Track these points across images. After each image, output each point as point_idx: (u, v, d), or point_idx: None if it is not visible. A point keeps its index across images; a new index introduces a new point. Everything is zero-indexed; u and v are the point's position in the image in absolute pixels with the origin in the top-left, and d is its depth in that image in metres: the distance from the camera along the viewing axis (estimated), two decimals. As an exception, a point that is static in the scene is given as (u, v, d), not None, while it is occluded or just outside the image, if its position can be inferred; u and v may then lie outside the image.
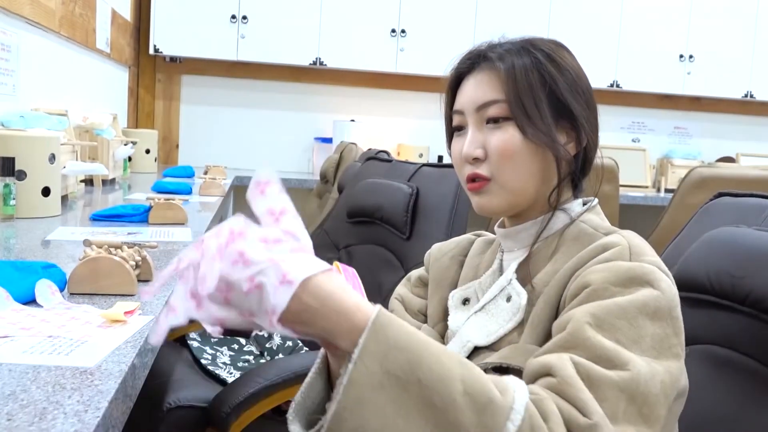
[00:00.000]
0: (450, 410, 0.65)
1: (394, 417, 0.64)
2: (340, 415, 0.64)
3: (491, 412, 0.67)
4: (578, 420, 0.72)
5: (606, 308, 0.81)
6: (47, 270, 1.13)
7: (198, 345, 1.99)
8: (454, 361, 0.68)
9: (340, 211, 2.30)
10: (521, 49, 0.97)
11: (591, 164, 1.01)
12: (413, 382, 0.65)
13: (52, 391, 0.70)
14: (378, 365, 0.65)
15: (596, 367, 0.77)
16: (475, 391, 0.67)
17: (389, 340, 0.66)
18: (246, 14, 4.31)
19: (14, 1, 2.31)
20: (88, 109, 3.22)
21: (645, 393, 0.76)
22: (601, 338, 0.79)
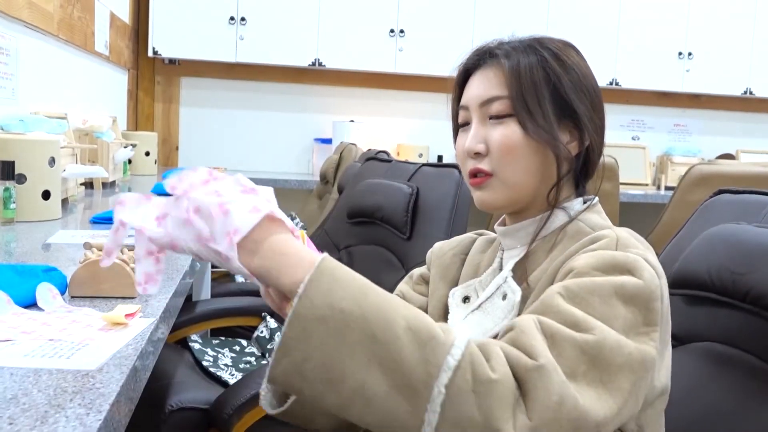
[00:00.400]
0: (392, 344, 0.68)
1: (337, 349, 0.67)
2: (286, 345, 0.67)
3: (432, 346, 0.69)
4: (523, 361, 0.73)
5: (580, 283, 0.82)
6: (48, 273, 1.13)
7: (199, 347, 1.99)
8: (398, 302, 0.71)
9: (341, 211, 2.30)
10: (528, 47, 0.97)
11: (595, 165, 1.01)
12: (357, 317, 0.68)
13: (53, 395, 0.70)
14: (322, 299, 0.68)
15: (561, 327, 0.77)
16: (417, 327, 0.69)
17: (335, 277, 0.69)
18: (244, 16, 4.31)
19: (13, 5, 2.31)
20: (88, 112, 3.22)
21: (608, 360, 0.76)
22: (571, 306, 0.79)
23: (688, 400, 1.06)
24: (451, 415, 0.68)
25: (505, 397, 0.70)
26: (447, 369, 0.68)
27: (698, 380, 1.06)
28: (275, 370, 0.68)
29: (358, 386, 0.68)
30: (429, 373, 0.68)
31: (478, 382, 0.69)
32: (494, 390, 0.69)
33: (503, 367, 0.71)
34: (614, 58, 4.64)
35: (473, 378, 0.69)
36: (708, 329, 1.08)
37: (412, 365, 0.68)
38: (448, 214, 1.84)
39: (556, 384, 0.72)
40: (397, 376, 0.68)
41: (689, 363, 1.09)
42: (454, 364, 0.69)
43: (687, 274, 1.11)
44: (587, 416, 0.73)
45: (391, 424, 0.69)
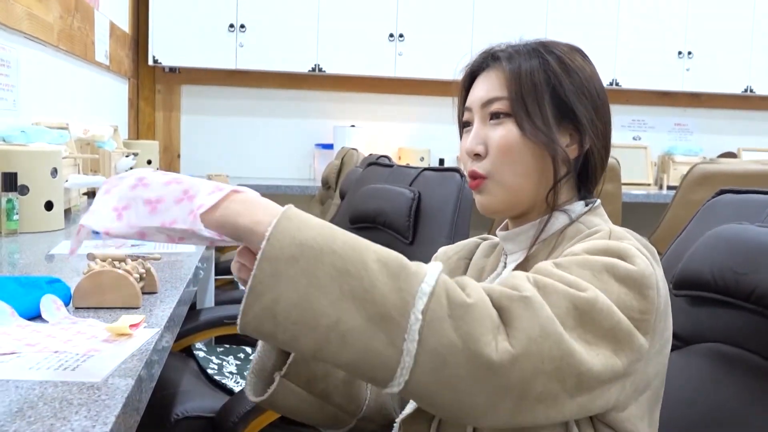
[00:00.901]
0: (364, 276, 0.68)
1: (309, 287, 0.67)
2: (255, 289, 0.67)
3: (405, 276, 0.69)
4: (508, 292, 0.74)
5: (571, 259, 0.82)
6: (52, 285, 1.13)
7: (204, 355, 1.99)
8: (367, 240, 0.72)
9: (343, 217, 2.30)
10: (532, 51, 0.98)
11: (597, 168, 1.00)
12: (327, 253, 0.68)
13: (59, 407, 0.70)
14: (290, 239, 0.68)
15: (554, 281, 0.77)
16: (388, 260, 0.70)
17: (302, 219, 0.71)
18: (244, 23, 4.32)
19: (12, 16, 2.31)
20: (89, 121, 3.23)
21: (597, 321, 0.75)
22: (560, 272, 0.79)
23: (693, 401, 1.06)
24: (429, 341, 0.68)
25: (482, 320, 0.70)
26: (422, 295, 0.68)
27: (703, 381, 1.06)
28: (246, 316, 0.68)
29: (333, 323, 0.67)
30: (404, 300, 0.68)
31: (454, 306, 0.69)
32: (471, 313, 0.70)
33: (479, 294, 0.72)
34: (614, 59, 4.64)
35: (448, 303, 0.69)
36: (712, 330, 1.07)
37: (386, 295, 0.68)
38: (450, 218, 1.84)
39: (542, 317, 0.72)
40: (371, 307, 0.67)
41: (694, 364, 1.09)
42: (428, 290, 0.69)
43: (690, 274, 1.11)
44: (571, 358, 0.73)
45: (369, 359, 0.68)
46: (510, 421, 0.74)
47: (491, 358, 0.69)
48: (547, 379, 0.72)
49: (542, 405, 0.73)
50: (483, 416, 0.73)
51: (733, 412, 1.01)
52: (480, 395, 0.71)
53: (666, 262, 1.21)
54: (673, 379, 1.06)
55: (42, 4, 2.61)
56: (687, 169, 3.33)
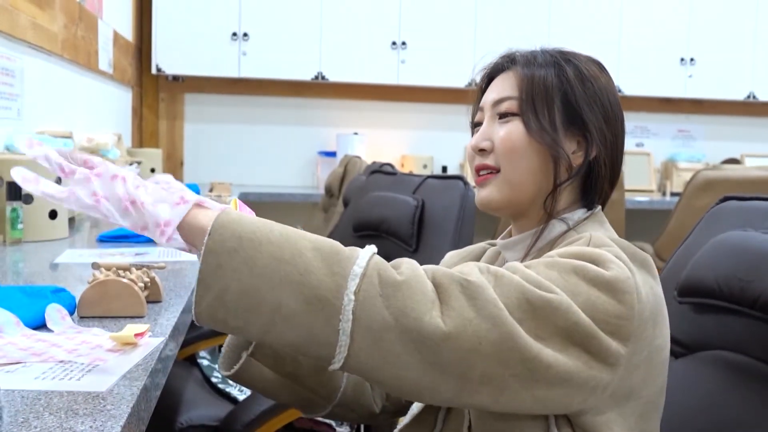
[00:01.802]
0: (299, 263, 0.73)
1: (251, 276, 0.73)
2: (204, 281, 0.73)
3: (337, 260, 0.74)
4: (450, 272, 0.77)
5: (540, 261, 0.83)
6: (56, 294, 1.13)
7: (208, 363, 1.99)
8: (301, 230, 0.78)
9: (346, 224, 2.30)
10: (550, 58, 0.99)
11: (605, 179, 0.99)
12: (264, 243, 0.74)
13: (65, 417, 0.70)
14: (230, 233, 0.74)
15: (511, 274, 0.79)
16: (322, 246, 0.75)
17: (241, 216, 0.77)
18: (247, 31, 4.33)
19: (17, 26, 2.32)
20: (93, 130, 3.24)
21: (552, 317, 0.76)
22: (527, 270, 0.81)
23: (698, 409, 1.06)
24: (363, 320, 0.73)
25: (414, 296, 0.74)
26: (354, 277, 0.73)
27: (708, 389, 1.06)
28: (199, 307, 0.74)
29: (275, 307, 0.73)
30: (337, 283, 0.73)
31: (385, 284, 0.74)
32: (402, 290, 0.74)
33: (412, 272, 0.76)
34: (616, 66, 4.64)
35: (380, 282, 0.74)
36: (717, 337, 1.07)
37: (320, 279, 0.73)
38: (454, 225, 1.84)
39: (481, 299, 0.75)
40: (308, 291, 0.73)
41: (699, 371, 1.08)
42: (360, 272, 0.74)
43: (695, 282, 1.10)
44: (513, 342, 0.74)
45: (310, 339, 0.74)
46: (455, 400, 0.78)
47: (421, 333, 0.73)
48: (486, 362, 0.74)
49: (487, 388, 0.76)
50: (426, 393, 0.77)
51: (739, 420, 1.01)
52: (417, 370, 0.74)
53: (670, 269, 1.21)
54: (678, 387, 1.06)
55: (46, 14, 2.62)
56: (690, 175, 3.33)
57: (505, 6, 4.53)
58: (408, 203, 1.98)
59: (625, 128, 1.02)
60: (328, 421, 1.73)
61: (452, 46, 4.42)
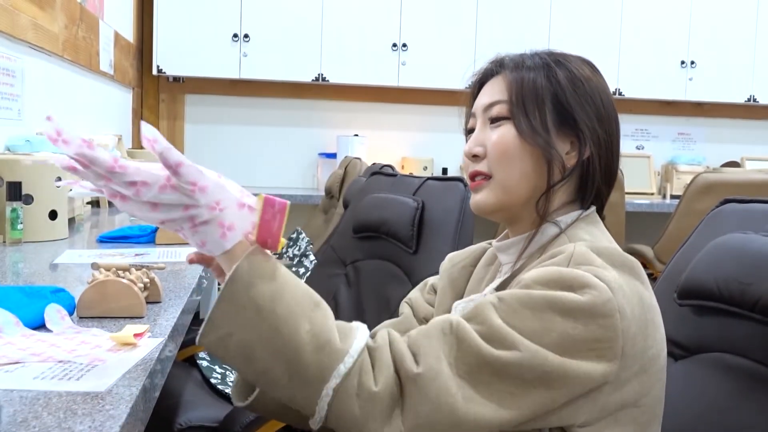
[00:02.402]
0: (294, 343, 0.78)
1: (251, 335, 0.78)
2: (213, 321, 0.79)
3: (328, 352, 0.79)
4: (406, 367, 0.81)
5: (515, 295, 0.83)
6: (56, 294, 1.13)
7: (207, 364, 1.99)
8: (310, 303, 0.81)
9: (346, 226, 2.30)
10: (540, 60, 0.99)
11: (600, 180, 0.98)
12: (269, 311, 0.78)
13: (63, 417, 0.70)
14: (244, 291, 0.78)
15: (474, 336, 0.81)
16: (318, 332, 0.79)
17: (260, 272, 0.79)
18: (248, 33, 4.33)
19: (18, 27, 2.33)
20: (93, 131, 3.24)
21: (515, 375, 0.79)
22: (496, 318, 0.82)
23: (698, 411, 1.06)
24: (336, 410, 0.80)
25: (381, 407, 0.80)
26: (337, 375, 0.79)
27: (707, 390, 1.06)
28: (204, 339, 0.79)
29: (264, 370, 0.79)
30: (322, 375, 0.79)
31: (362, 389, 0.80)
32: (373, 400, 0.80)
33: (385, 378, 0.80)
34: (617, 68, 4.65)
35: (359, 385, 0.80)
36: (717, 340, 1.07)
37: (309, 365, 0.79)
38: (454, 227, 1.84)
39: (432, 393, 0.79)
40: (294, 371, 0.79)
41: (698, 373, 1.08)
42: (344, 372, 0.79)
43: (695, 284, 1.10)
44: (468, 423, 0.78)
45: (292, 403, 0.82)
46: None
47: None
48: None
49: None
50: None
51: (740, 422, 1.01)
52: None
53: (670, 271, 1.21)
54: (678, 389, 1.06)
55: (47, 14, 2.62)
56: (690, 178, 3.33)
57: (505, 8, 4.53)
58: (408, 205, 1.98)
59: (621, 128, 1.01)
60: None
61: (453, 48, 4.42)
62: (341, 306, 2.12)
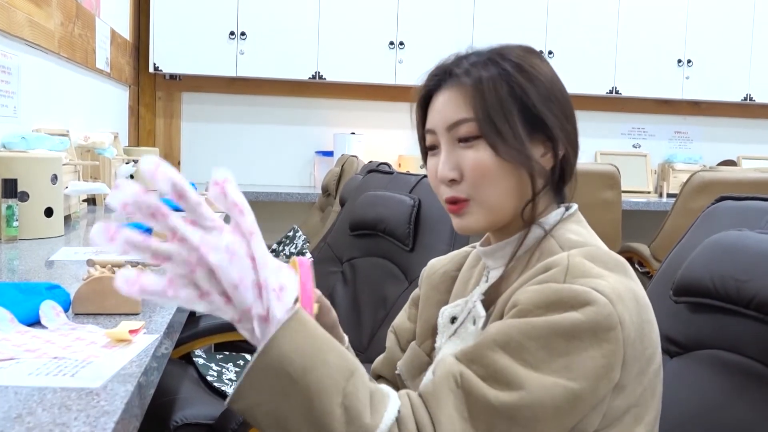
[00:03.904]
0: (325, 416, 0.75)
1: (282, 405, 0.75)
2: (241, 391, 0.75)
3: (358, 425, 0.76)
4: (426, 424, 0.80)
5: (518, 327, 0.82)
6: (51, 291, 1.13)
7: (203, 362, 1.99)
8: (346, 373, 0.77)
9: (343, 224, 2.30)
10: (488, 61, 0.94)
11: (572, 171, 0.98)
12: (302, 385, 0.75)
13: (58, 413, 0.69)
14: (278, 362, 0.74)
15: (482, 386, 0.80)
16: (351, 406, 0.76)
17: (293, 343, 0.75)
18: (244, 30, 4.33)
19: (14, 24, 2.32)
20: (89, 128, 3.23)
21: (529, 416, 0.78)
22: (500, 357, 0.81)
23: (693, 408, 1.06)
24: None
25: None
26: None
27: (703, 388, 1.06)
28: (234, 404, 0.76)
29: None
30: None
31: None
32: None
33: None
34: (613, 67, 4.65)
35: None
36: (712, 337, 1.07)
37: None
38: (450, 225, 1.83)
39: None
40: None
41: (693, 370, 1.08)
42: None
43: (690, 281, 1.10)
44: None
45: None
46: None
47: None
48: None
49: None
50: None
51: (733, 418, 1.01)
52: None
53: (666, 268, 1.21)
54: (673, 386, 1.06)
55: (43, 12, 2.61)
56: (687, 177, 3.33)
57: (502, 6, 4.53)
58: (404, 202, 1.98)
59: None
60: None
61: (450, 46, 4.35)
62: (338, 303, 2.12)
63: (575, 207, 0.98)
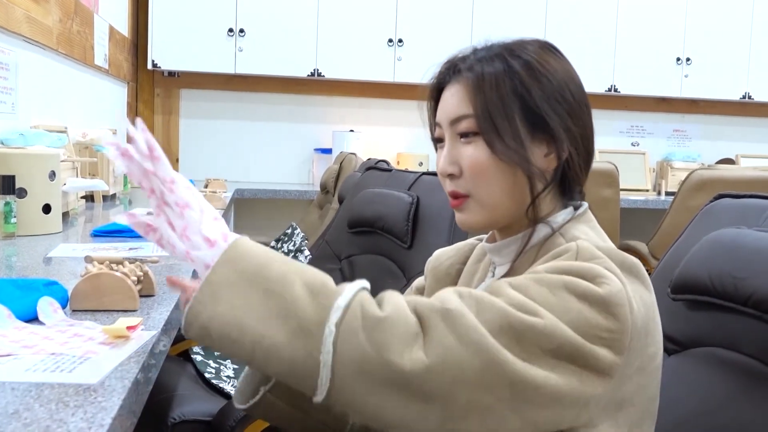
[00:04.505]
0: (287, 296, 0.74)
1: (241, 308, 0.74)
2: (193, 309, 0.75)
3: (325, 293, 0.75)
4: (430, 303, 0.77)
5: (530, 276, 0.81)
6: (49, 287, 1.13)
7: (201, 359, 1.99)
8: (299, 265, 0.79)
9: (341, 221, 2.30)
10: (495, 57, 0.93)
11: (577, 175, 0.95)
12: (260, 279, 0.75)
13: (55, 409, 0.69)
14: (232, 267, 0.76)
15: (491, 297, 0.78)
16: (311, 281, 0.76)
17: (246, 249, 0.78)
18: (243, 27, 4.32)
19: (12, 20, 2.32)
20: (88, 125, 3.23)
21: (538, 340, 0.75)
22: (513, 291, 0.79)
23: (690, 405, 1.06)
24: (344, 353, 0.73)
25: (395, 330, 0.74)
26: (337, 309, 0.74)
27: (700, 385, 1.06)
28: (188, 332, 0.77)
29: (258, 339, 0.74)
30: (320, 315, 0.74)
31: (367, 318, 0.74)
32: (383, 324, 0.74)
33: (393, 307, 0.76)
34: (612, 65, 4.65)
35: (363, 315, 0.74)
36: (710, 334, 1.07)
37: (306, 310, 0.74)
38: (449, 222, 1.84)
39: (461, 327, 0.74)
40: (293, 322, 0.74)
41: (691, 368, 1.09)
42: (344, 304, 0.74)
43: (688, 279, 1.11)
44: (498, 367, 0.74)
45: (293, 371, 0.75)
46: (441, 429, 0.76)
47: (403, 367, 0.72)
48: (471, 389, 0.74)
49: (474, 414, 0.75)
50: (412, 424, 0.75)
51: (731, 416, 1.01)
52: (400, 403, 0.74)
53: (664, 266, 1.21)
54: (670, 383, 1.06)
55: (41, 8, 2.61)
56: (685, 175, 3.33)
57: (501, 4, 4.53)
58: (403, 200, 1.98)
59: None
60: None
61: (449, 43, 4.38)
62: (336, 301, 2.11)
63: (585, 206, 0.96)
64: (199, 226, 0.80)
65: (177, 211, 0.80)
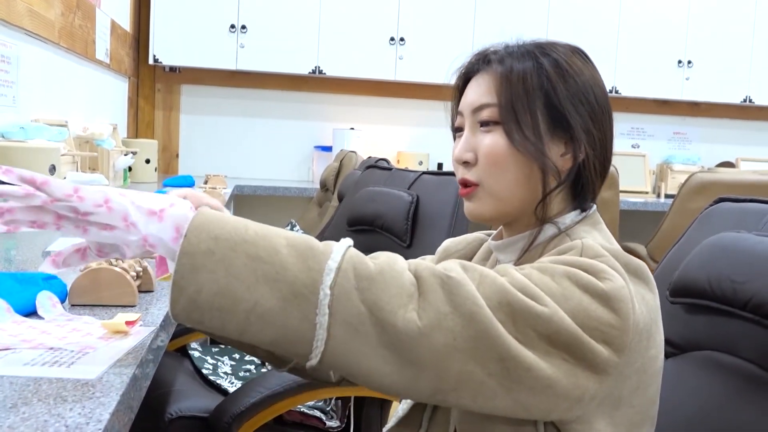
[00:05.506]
0: (275, 260, 0.72)
1: (226, 276, 0.72)
2: (178, 283, 0.72)
3: (312, 256, 0.74)
4: (432, 268, 0.76)
5: (533, 266, 0.82)
6: (48, 281, 1.13)
7: (199, 355, 1.99)
8: (275, 228, 0.76)
9: (340, 219, 2.30)
10: (526, 53, 0.94)
11: (596, 179, 0.95)
12: (240, 242, 0.73)
13: (53, 404, 0.69)
14: (206, 234, 0.73)
15: (495, 274, 0.78)
16: (297, 243, 0.74)
17: (217, 217, 0.75)
18: (245, 24, 4.32)
19: (14, 13, 2.31)
20: (88, 119, 3.23)
21: (534, 322, 0.75)
22: (519, 275, 0.79)
23: (688, 409, 1.06)
24: (339, 314, 0.72)
25: (389, 290, 0.73)
26: (329, 271, 0.73)
27: (698, 389, 1.06)
28: (175, 309, 0.73)
29: (251, 306, 0.72)
30: (313, 278, 0.73)
31: (360, 278, 0.73)
32: (377, 283, 0.73)
33: (387, 264, 0.75)
34: (614, 66, 4.65)
35: (355, 275, 0.73)
36: (708, 338, 1.07)
37: (296, 275, 0.72)
38: (449, 221, 1.84)
39: (459, 294, 0.74)
40: (284, 287, 0.72)
41: (689, 372, 1.09)
42: (335, 266, 0.73)
43: (687, 282, 1.11)
44: (490, 340, 0.74)
45: (287, 336, 0.73)
46: (433, 398, 0.77)
47: (396, 326, 0.72)
48: (462, 359, 0.74)
49: (466, 388, 0.75)
50: (403, 390, 0.76)
51: (728, 420, 1.01)
52: (393, 366, 0.74)
53: (663, 269, 1.21)
54: (669, 387, 1.06)
55: (43, 2, 2.61)
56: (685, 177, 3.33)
57: (503, 4, 4.53)
58: (403, 198, 1.98)
59: (617, 126, 0.98)
60: (317, 414, 1.73)
61: (450, 42, 4.41)
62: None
63: (593, 208, 0.96)
64: (135, 205, 0.77)
65: (103, 211, 0.77)
